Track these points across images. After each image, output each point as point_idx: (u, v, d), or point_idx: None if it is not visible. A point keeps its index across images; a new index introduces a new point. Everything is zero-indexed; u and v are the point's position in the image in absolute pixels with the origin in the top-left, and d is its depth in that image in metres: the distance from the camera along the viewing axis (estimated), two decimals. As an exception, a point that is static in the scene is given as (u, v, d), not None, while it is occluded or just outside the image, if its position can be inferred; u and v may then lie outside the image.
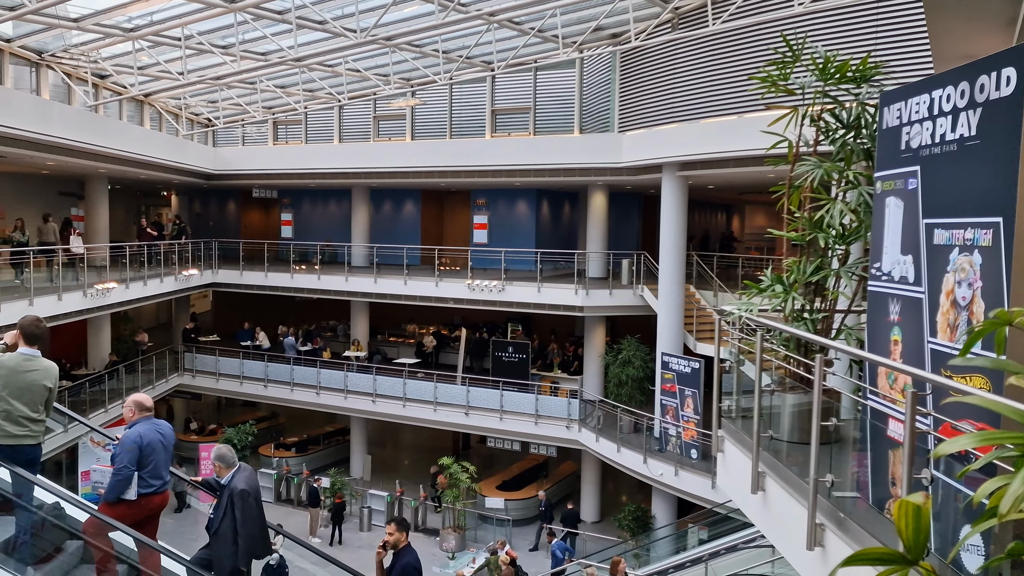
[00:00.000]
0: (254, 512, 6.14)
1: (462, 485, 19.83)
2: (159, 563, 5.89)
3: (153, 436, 5.97)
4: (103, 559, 5.73)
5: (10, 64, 18.87)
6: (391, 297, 24.02)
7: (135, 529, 5.64)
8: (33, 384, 5.69)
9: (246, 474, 6.32)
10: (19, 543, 5.73)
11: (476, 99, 25.91)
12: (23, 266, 16.32)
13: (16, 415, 5.57)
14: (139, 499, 5.82)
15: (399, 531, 6.56)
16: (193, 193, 32.74)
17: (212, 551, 6.15)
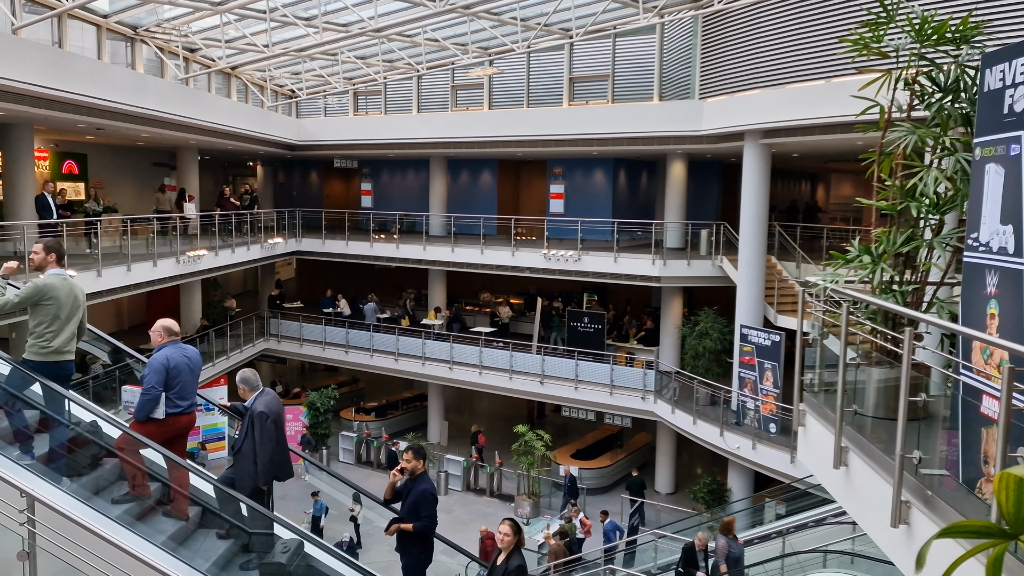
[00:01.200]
0: (271, 434, 6.39)
1: (536, 453, 20.04)
2: (187, 480, 6.24)
3: (180, 359, 6.27)
4: (135, 474, 6.07)
5: (107, 39, 19.66)
6: (468, 266, 24.27)
7: (165, 447, 5.96)
8: (77, 302, 6.10)
9: (267, 398, 6.56)
10: (56, 455, 6.08)
11: (554, 67, 25.70)
12: (123, 233, 17.15)
13: (66, 334, 5.98)
14: (167, 418, 6.15)
15: (416, 459, 6.71)
16: (277, 164, 33.62)
17: (235, 470, 6.50)
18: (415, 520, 6.50)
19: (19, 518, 4.85)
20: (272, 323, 26.35)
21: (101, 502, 5.69)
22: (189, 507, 6.16)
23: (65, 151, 22.36)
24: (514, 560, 6.14)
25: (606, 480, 22.16)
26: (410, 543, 6.59)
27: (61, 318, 5.93)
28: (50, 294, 5.88)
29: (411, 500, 6.58)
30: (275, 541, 6.09)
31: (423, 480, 6.68)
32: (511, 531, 6.21)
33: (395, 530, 6.58)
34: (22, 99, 13.78)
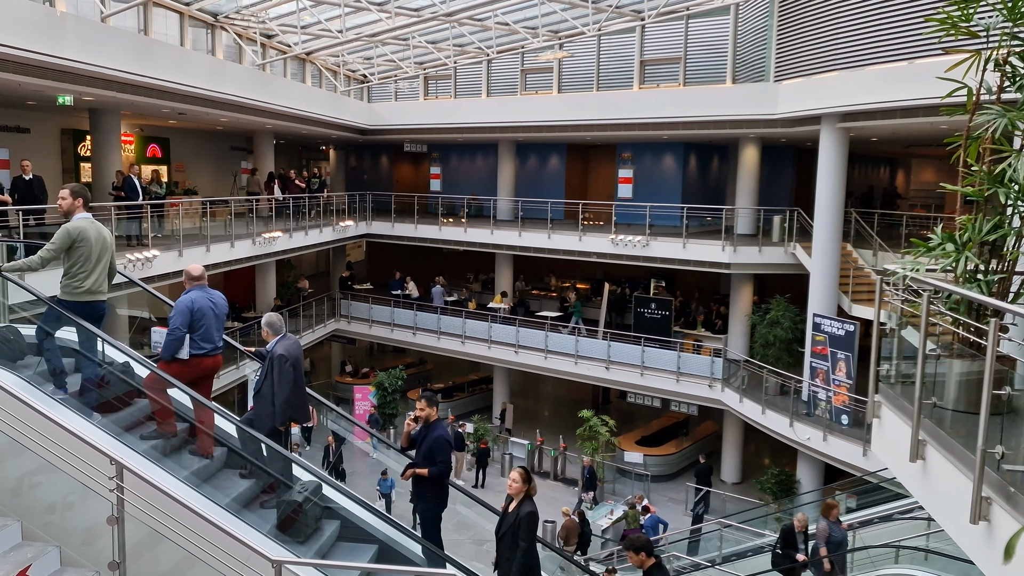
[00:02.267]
0: (289, 377, 6.61)
1: (601, 438, 20.02)
2: (212, 420, 6.48)
3: (204, 302, 6.56)
4: (162, 412, 6.32)
5: (189, 27, 20.27)
6: (535, 251, 24.31)
7: (190, 387, 6.20)
8: (106, 244, 6.36)
9: (287, 342, 6.81)
10: (87, 391, 6.32)
11: (624, 50, 25.39)
12: (203, 215, 17.75)
13: (96, 274, 6.25)
14: (191, 359, 6.44)
15: (429, 407, 6.86)
16: (349, 148, 34.19)
17: (254, 411, 6.76)
18: (430, 465, 6.64)
19: (109, 484, 5.10)
20: (343, 304, 26.92)
21: (178, 467, 5.97)
22: (214, 447, 6.41)
23: (149, 135, 23.22)
24: (525, 507, 6.25)
25: (671, 468, 22.02)
26: (426, 488, 6.73)
27: (92, 260, 6.18)
28: (81, 236, 6.11)
29: (426, 446, 6.72)
30: (294, 481, 6.33)
31: (437, 427, 6.82)
32: (520, 478, 6.31)
33: (410, 475, 6.74)
34: (110, 85, 14.36)
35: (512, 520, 6.28)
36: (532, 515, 6.25)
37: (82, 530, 5.45)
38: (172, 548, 5.18)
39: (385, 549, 6.44)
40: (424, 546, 6.40)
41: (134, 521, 5.18)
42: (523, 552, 6.19)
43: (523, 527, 6.21)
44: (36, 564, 5.16)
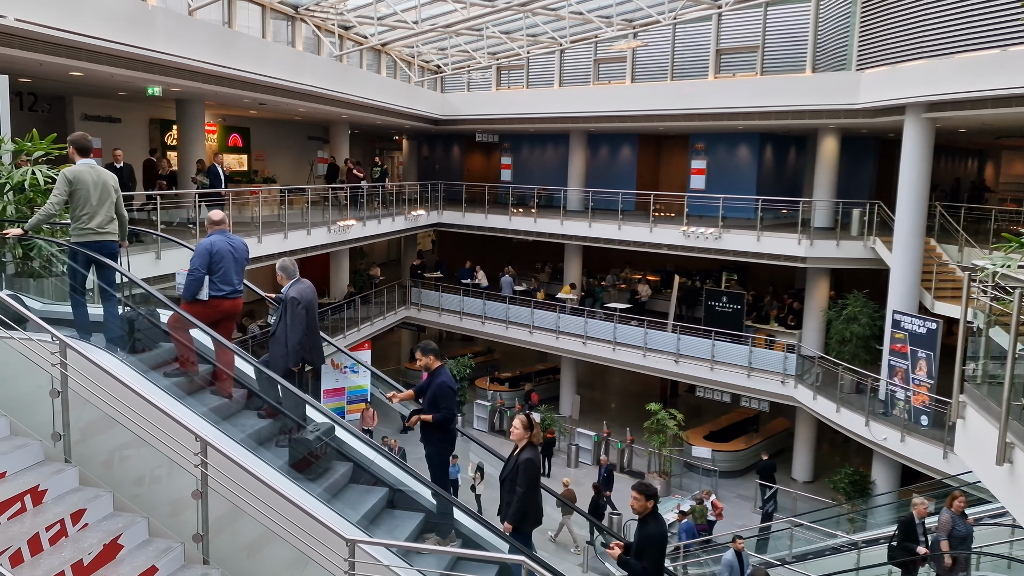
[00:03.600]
0: (302, 318, 6.86)
1: (669, 432, 19.85)
2: (232, 360, 6.79)
3: (223, 245, 6.85)
4: (184, 352, 6.64)
5: (270, 19, 20.81)
6: (604, 241, 24.18)
7: (211, 328, 6.59)
8: (106, 186, 6.66)
9: (301, 286, 7.03)
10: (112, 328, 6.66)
11: (700, 39, 24.96)
12: (283, 203, 18.25)
13: (101, 215, 6.59)
14: (210, 300, 6.73)
15: (424, 356, 7.10)
16: (421, 138, 34.58)
17: (270, 352, 7.01)
18: (434, 411, 6.85)
19: (194, 460, 5.34)
20: (413, 292, 27.30)
21: (260, 448, 6.20)
22: (234, 388, 6.77)
23: (231, 125, 23.96)
24: (524, 454, 6.48)
25: (740, 464, 21.68)
26: (432, 433, 6.95)
27: (92, 201, 6.50)
28: (77, 179, 6.44)
29: (430, 393, 6.94)
30: (308, 422, 6.64)
31: (440, 373, 6.99)
32: (522, 426, 6.54)
33: (416, 421, 6.95)
34: (195, 76, 14.87)
35: (512, 466, 6.52)
36: (529, 461, 6.44)
37: (168, 503, 5.71)
38: (251, 523, 5.40)
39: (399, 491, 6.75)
40: (434, 490, 6.62)
41: (216, 496, 5.41)
42: (519, 497, 6.38)
43: (521, 473, 6.41)
44: (126, 533, 5.44)
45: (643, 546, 6.17)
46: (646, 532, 6.21)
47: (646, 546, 6.14)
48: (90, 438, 5.83)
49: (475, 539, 6.60)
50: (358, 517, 6.02)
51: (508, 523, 6.42)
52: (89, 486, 5.72)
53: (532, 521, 6.58)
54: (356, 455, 6.91)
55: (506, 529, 6.39)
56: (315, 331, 7.13)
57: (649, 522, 6.22)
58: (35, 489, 5.38)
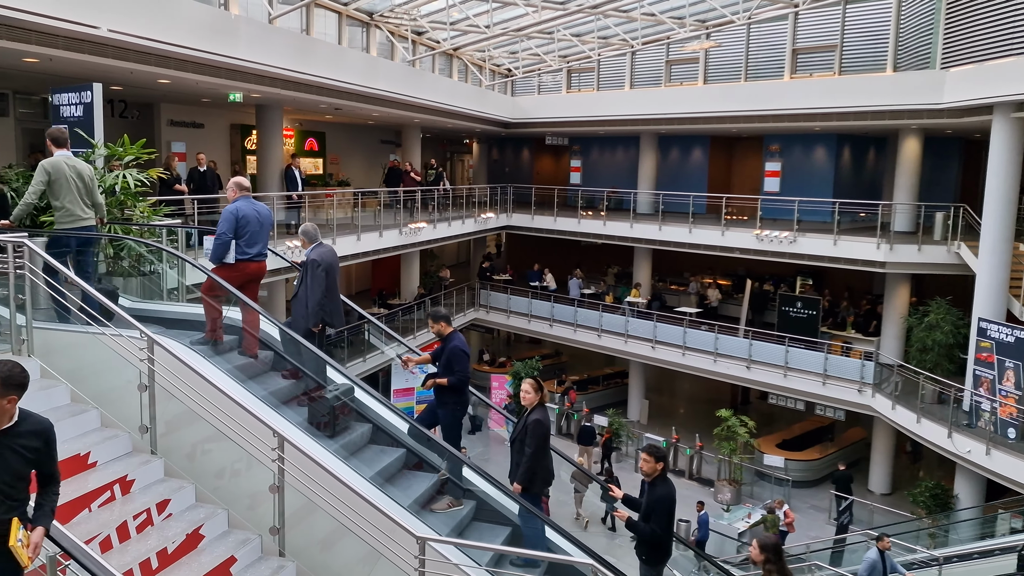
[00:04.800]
0: (321, 280, 7.11)
1: (739, 439, 19.49)
2: (258, 321, 7.07)
3: (249, 210, 7.14)
4: (212, 313, 6.95)
5: (346, 25, 21.28)
6: (675, 245, 23.90)
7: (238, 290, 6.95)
8: (82, 175, 7.16)
9: (322, 249, 7.30)
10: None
11: (775, 38, 24.45)
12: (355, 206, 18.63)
13: (80, 202, 7.10)
14: (237, 264, 7.03)
15: (437, 322, 7.23)
16: (492, 141, 34.81)
17: (292, 313, 7.33)
18: (448, 375, 7.00)
19: (272, 455, 5.51)
20: (482, 294, 27.50)
21: (331, 443, 6.36)
22: (260, 350, 7.08)
23: (307, 130, 24.60)
24: (533, 415, 6.58)
25: (813, 474, 21.12)
26: (446, 396, 7.10)
27: (71, 189, 7.01)
28: (55, 169, 6.96)
29: (444, 358, 7.09)
30: (327, 382, 7.00)
31: (453, 338, 7.17)
32: (532, 389, 6.64)
33: (431, 384, 7.09)
34: (275, 82, 15.33)
35: (522, 427, 6.62)
36: (538, 422, 6.52)
37: (247, 495, 5.91)
38: (324, 518, 5.54)
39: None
40: (447, 451, 6.79)
41: (292, 491, 5.58)
42: (528, 457, 6.47)
43: (529, 433, 6.49)
44: (207, 524, 5.66)
45: (651, 508, 6.22)
46: (655, 494, 6.25)
47: (655, 508, 6.21)
48: (174, 431, 6.09)
49: (489, 501, 6.82)
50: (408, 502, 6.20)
51: (517, 483, 6.54)
52: (173, 477, 5.97)
53: (541, 482, 6.70)
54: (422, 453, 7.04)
55: (516, 490, 6.50)
56: (335, 293, 7.38)
57: (658, 484, 6.27)
58: (123, 479, 5.65)
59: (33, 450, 3.62)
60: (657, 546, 6.31)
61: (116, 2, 11.25)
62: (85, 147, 8.77)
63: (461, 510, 6.56)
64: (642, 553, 6.38)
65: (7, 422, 3.55)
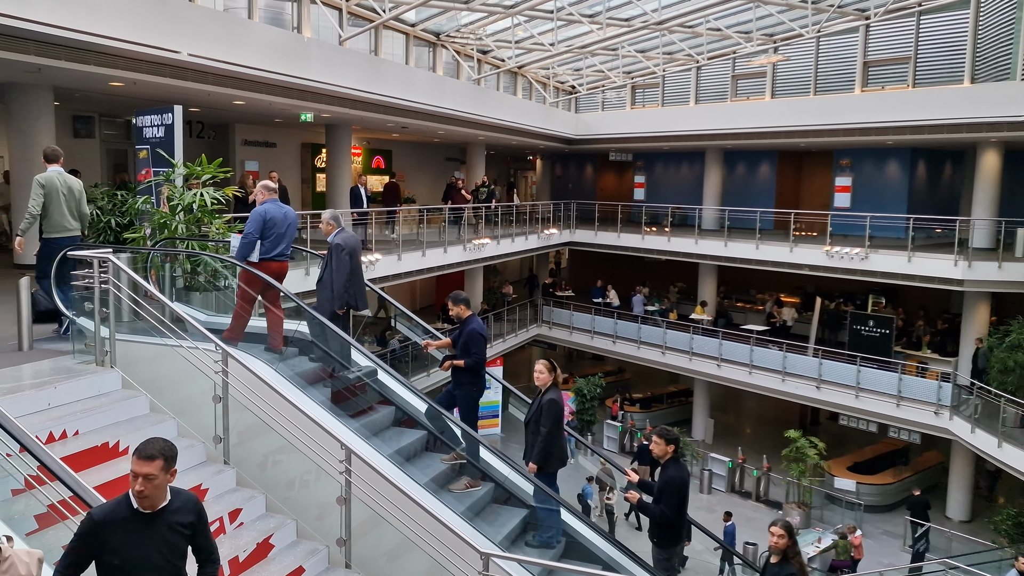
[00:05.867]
0: (346, 264, 7.34)
1: (809, 461, 18.97)
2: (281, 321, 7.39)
3: (276, 212, 7.43)
4: (240, 305, 7.25)
5: (413, 46, 21.69)
6: (741, 261, 23.52)
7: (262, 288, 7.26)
8: (72, 190, 7.77)
9: (345, 235, 7.55)
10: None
11: (845, 51, 23.94)
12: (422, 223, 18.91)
13: (68, 214, 7.71)
14: (260, 263, 7.30)
15: (456, 305, 7.34)
16: (555, 157, 34.92)
17: (317, 298, 7.48)
18: (466, 356, 7.14)
19: (339, 467, 5.61)
20: (545, 310, 27.50)
21: (405, 462, 6.45)
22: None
23: (374, 148, 25.11)
24: (548, 395, 6.69)
25: (887, 499, 20.39)
26: (463, 376, 7.23)
27: (61, 202, 7.63)
28: (46, 182, 7.59)
29: (462, 340, 7.20)
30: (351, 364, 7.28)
31: (471, 321, 7.29)
32: (545, 369, 6.75)
33: (449, 365, 7.25)
34: (344, 102, 15.72)
35: (536, 407, 6.72)
36: (552, 402, 6.62)
37: (315, 506, 6.02)
38: (390, 531, 5.60)
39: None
40: (464, 430, 7.05)
41: (359, 503, 5.66)
42: (543, 437, 6.57)
43: (544, 413, 6.60)
44: (277, 534, 5.78)
45: (662, 490, 6.25)
46: (666, 476, 6.29)
47: (665, 490, 6.22)
48: (246, 442, 6.25)
49: (505, 484, 6.98)
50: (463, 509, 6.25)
51: (533, 463, 6.66)
52: (245, 487, 6.12)
53: (556, 461, 6.78)
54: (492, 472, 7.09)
55: (531, 469, 6.63)
56: (359, 276, 7.59)
57: (670, 467, 6.32)
58: (198, 487, 5.81)
59: (189, 525, 3.68)
60: (667, 528, 6.37)
61: (195, 27, 11.72)
62: (165, 166, 9.13)
63: (479, 491, 6.75)
64: (654, 536, 6.47)
65: (163, 500, 3.58)
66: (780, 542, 5.99)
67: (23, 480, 4.36)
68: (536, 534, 6.61)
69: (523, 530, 6.74)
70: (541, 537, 6.56)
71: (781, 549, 5.98)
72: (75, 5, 9.77)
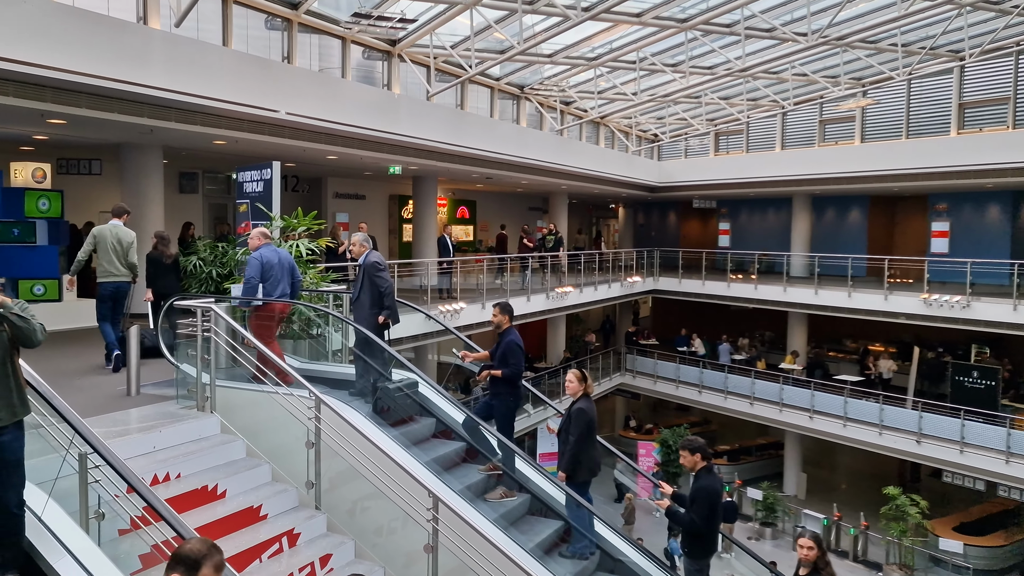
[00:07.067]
0: (384, 280, 7.63)
1: (910, 520, 17.99)
2: (280, 352, 7.59)
3: (272, 256, 7.83)
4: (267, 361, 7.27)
5: (497, 99, 22.23)
6: (832, 310, 22.77)
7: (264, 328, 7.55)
8: (122, 241, 8.81)
9: (377, 253, 7.91)
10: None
11: (938, 93, 23.26)
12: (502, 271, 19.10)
13: (116, 262, 8.73)
14: (265, 305, 7.60)
15: (502, 313, 7.61)
16: (637, 205, 34.87)
17: (354, 317, 7.81)
18: (503, 367, 7.38)
19: (426, 515, 5.66)
20: (628, 358, 27.20)
21: (483, 505, 6.46)
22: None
23: (459, 198, 25.65)
24: (577, 404, 6.86)
25: (999, 562, 19.06)
26: (500, 386, 7.47)
27: (108, 251, 8.70)
28: (99, 236, 8.74)
29: (500, 350, 7.45)
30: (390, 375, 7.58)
31: (509, 332, 7.55)
32: (575, 379, 6.92)
33: (486, 375, 7.51)
34: (431, 155, 16.18)
35: (566, 417, 6.90)
36: (581, 411, 6.76)
37: (403, 554, 6.07)
38: (478, 581, 5.59)
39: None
40: (500, 439, 7.25)
41: (446, 551, 5.68)
42: (571, 445, 6.72)
43: (573, 422, 6.76)
44: (366, 580, 5.84)
45: (693, 499, 6.24)
46: (697, 485, 6.29)
47: (695, 498, 6.21)
48: (336, 488, 6.39)
49: (539, 494, 7.19)
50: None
51: (562, 471, 6.81)
52: (335, 533, 6.24)
53: (586, 471, 6.86)
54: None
55: (560, 478, 6.79)
56: (392, 293, 7.84)
57: (702, 477, 6.29)
58: (291, 532, 5.97)
59: None
60: (698, 537, 6.30)
61: (293, 88, 12.35)
62: (264, 219, 9.56)
63: (514, 501, 6.92)
64: (685, 545, 6.41)
65: None
66: (810, 554, 6.08)
67: (129, 520, 4.57)
68: (569, 545, 6.76)
69: (560, 541, 6.88)
70: (574, 548, 6.71)
71: (812, 561, 6.05)
72: (188, 69, 10.45)
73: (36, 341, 4.13)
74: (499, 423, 7.52)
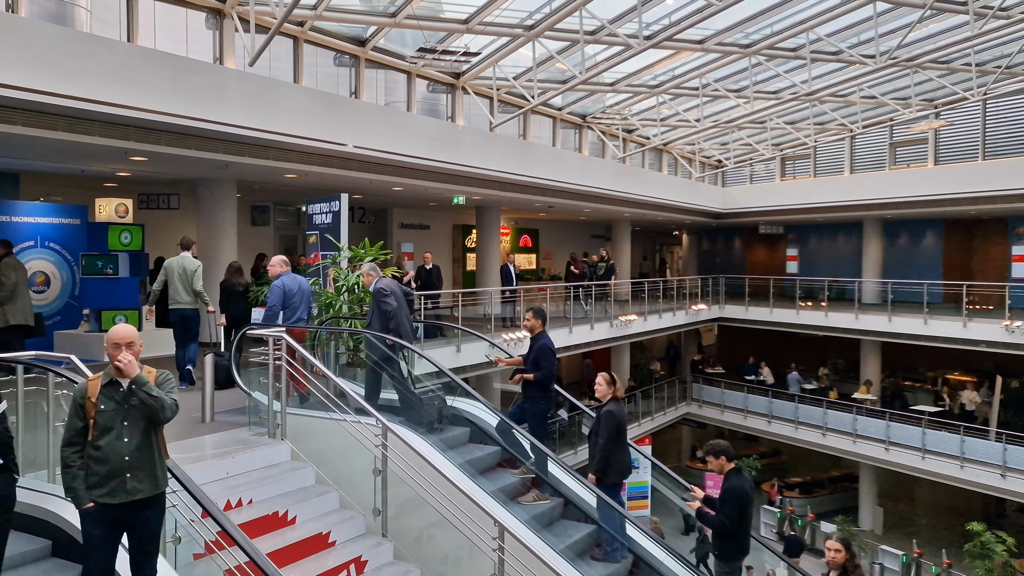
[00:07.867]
0: (391, 305, 7.85)
1: (996, 559, 17.12)
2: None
3: (292, 283, 8.28)
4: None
5: (560, 128, 22.38)
6: (907, 337, 22.00)
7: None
8: (187, 270, 9.44)
9: (386, 280, 8.24)
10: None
11: (1016, 113, 22.50)
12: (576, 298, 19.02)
13: (181, 292, 9.37)
14: (284, 330, 7.53)
15: (535, 318, 7.74)
16: (701, 232, 34.48)
17: (365, 341, 8.04)
18: (535, 371, 7.52)
19: (492, 544, 5.64)
20: (694, 388, 26.75)
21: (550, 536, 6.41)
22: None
23: (522, 227, 25.79)
24: (606, 407, 7.00)
25: (1095, 606, 17.98)
26: (532, 390, 7.60)
27: (175, 281, 9.40)
28: (168, 268, 9.47)
29: (533, 354, 7.59)
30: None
31: (542, 337, 7.67)
32: (605, 382, 7.09)
33: (519, 379, 7.62)
34: (495, 185, 16.35)
35: (596, 420, 7.04)
36: (609, 413, 6.92)
37: (469, 584, 6.06)
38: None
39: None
40: (532, 442, 7.31)
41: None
42: (600, 448, 6.86)
43: (602, 425, 6.90)
44: (432, 609, 5.86)
45: (723, 499, 6.27)
46: (726, 486, 6.31)
47: (724, 499, 6.23)
48: (403, 515, 6.44)
49: (570, 496, 7.33)
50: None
51: (591, 473, 6.93)
52: (401, 561, 6.28)
53: (616, 473, 6.98)
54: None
55: (590, 480, 6.88)
56: (401, 317, 8.02)
57: (731, 478, 6.32)
58: (358, 559, 6.03)
59: None
60: (727, 538, 6.29)
61: (360, 122, 12.67)
62: (332, 250, 9.79)
63: (546, 504, 7.03)
64: (715, 547, 6.41)
65: None
66: (837, 556, 5.99)
67: (204, 545, 4.69)
68: (601, 547, 6.81)
69: (593, 544, 6.93)
70: (605, 550, 6.76)
71: (840, 564, 5.95)
72: (260, 106, 10.85)
73: (163, 418, 4.21)
74: (531, 425, 7.66)
